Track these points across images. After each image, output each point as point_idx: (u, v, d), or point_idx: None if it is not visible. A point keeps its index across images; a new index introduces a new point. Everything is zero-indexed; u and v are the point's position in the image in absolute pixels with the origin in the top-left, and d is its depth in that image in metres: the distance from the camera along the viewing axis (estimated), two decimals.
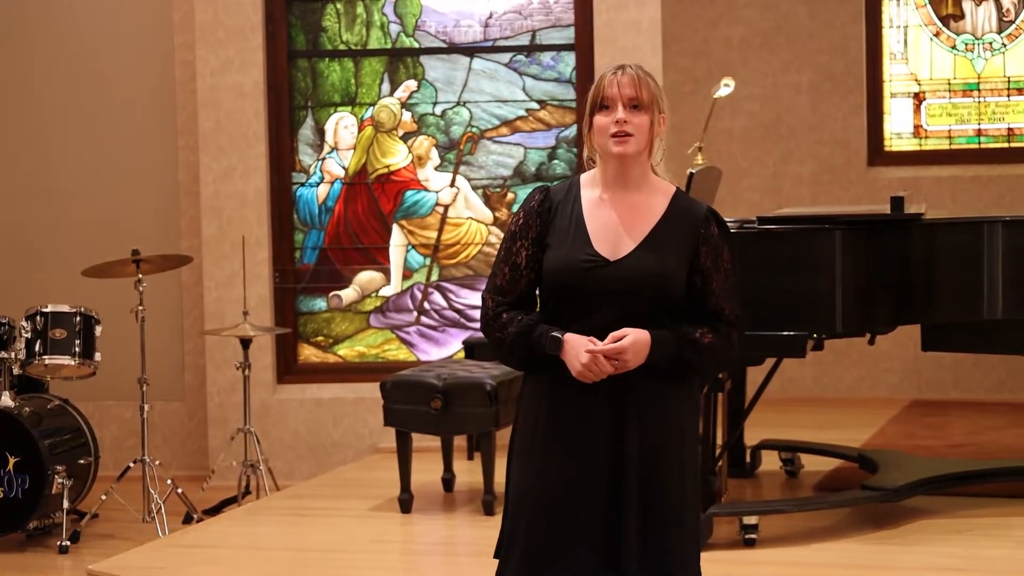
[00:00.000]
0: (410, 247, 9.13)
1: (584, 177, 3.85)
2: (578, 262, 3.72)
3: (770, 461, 7.85)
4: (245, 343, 8.01)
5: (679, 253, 3.74)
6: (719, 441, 6.88)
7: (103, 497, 7.55)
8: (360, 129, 9.14)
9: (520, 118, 9.07)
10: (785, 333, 6.24)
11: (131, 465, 7.64)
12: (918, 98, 10.67)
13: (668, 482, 3.77)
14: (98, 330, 7.65)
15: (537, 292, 3.86)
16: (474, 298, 9.06)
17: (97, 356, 7.64)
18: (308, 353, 9.18)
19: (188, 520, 7.72)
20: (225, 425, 8.80)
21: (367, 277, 9.18)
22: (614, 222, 3.75)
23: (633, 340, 3.66)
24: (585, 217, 3.77)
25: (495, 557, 3.92)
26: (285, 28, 9.06)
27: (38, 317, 7.52)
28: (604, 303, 3.71)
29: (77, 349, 7.55)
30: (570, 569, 3.75)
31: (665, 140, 3.83)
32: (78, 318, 7.57)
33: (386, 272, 9.15)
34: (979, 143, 10.59)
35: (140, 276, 7.64)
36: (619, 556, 3.73)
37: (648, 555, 3.74)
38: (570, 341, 3.69)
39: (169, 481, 7.73)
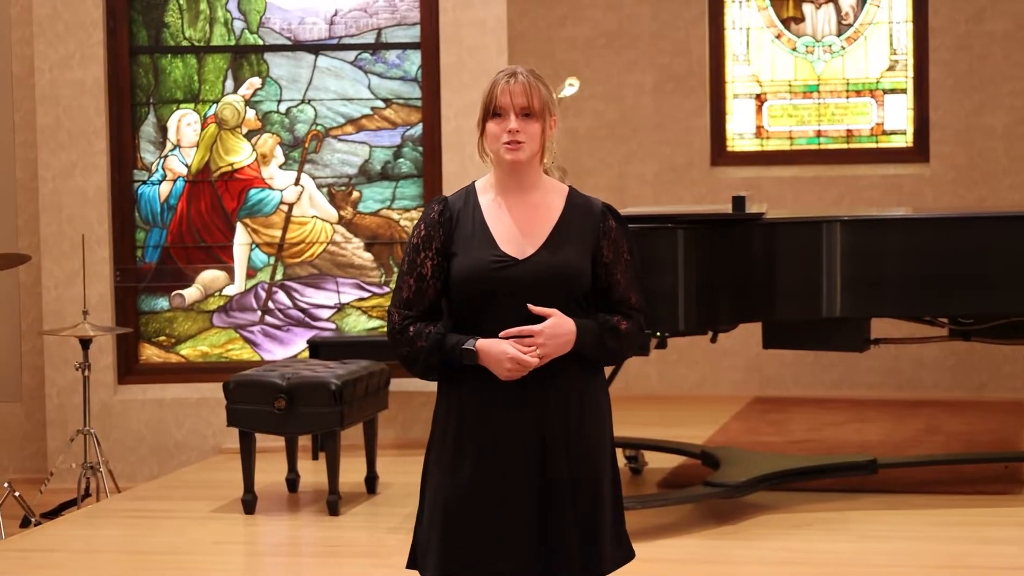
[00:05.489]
0: (254, 246, 9.05)
1: (479, 183, 3.88)
2: (487, 264, 3.74)
3: None
4: (85, 343, 7.88)
5: (582, 248, 3.80)
6: None
7: None
8: (203, 126, 9.05)
9: (365, 116, 9.03)
10: None
11: None
12: (760, 99, 10.82)
13: (592, 482, 3.81)
14: None
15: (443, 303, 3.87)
16: (319, 297, 9.02)
17: None
18: (150, 353, 9.06)
19: (26, 524, 7.57)
20: (64, 426, 8.66)
21: (210, 276, 9.09)
22: (517, 223, 3.80)
23: (552, 324, 3.70)
24: (488, 221, 3.80)
25: (408, 567, 3.89)
26: (126, 23, 8.93)
27: None
28: (516, 303, 3.73)
29: None
30: (493, 571, 3.75)
31: (556, 141, 3.87)
32: None
33: (230, 271, 9.06)
34: (819, 144, 10.77)
35: None
36: (552, 559, 3.75)
37: (584, 556, 3.77)
38: (485, 348, 3.71)
39: (6, 484, 7.58)
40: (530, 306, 3.70)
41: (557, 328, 3.71)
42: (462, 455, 3.77)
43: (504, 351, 3.69)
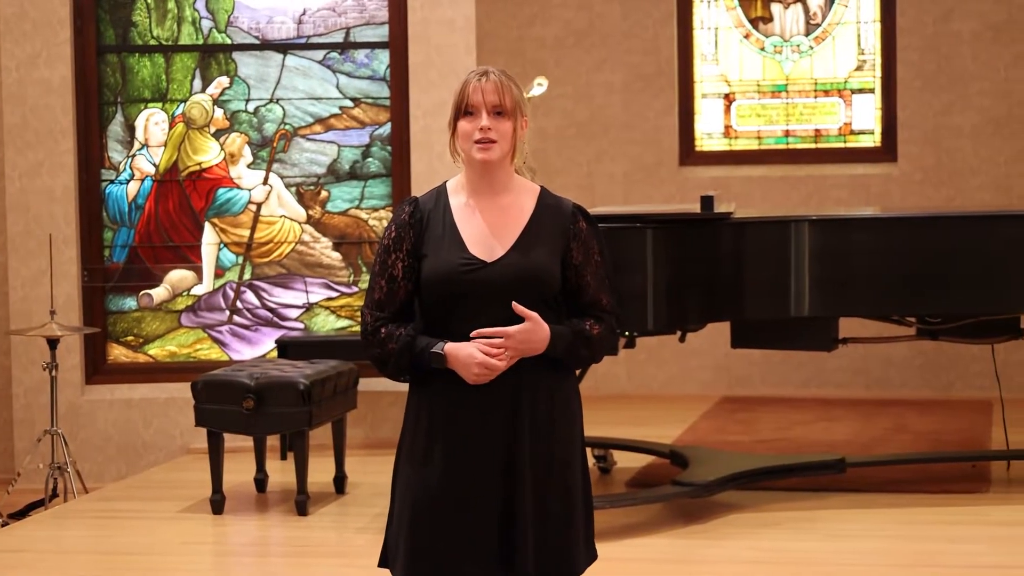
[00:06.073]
0: (222, 245, 9.02)
1: (450, 184, 3.86)
2: (456, 266, 3.72)
3: None
4: (52, 343, 7.85)
5: (552, 250, 3.79)
6: None
7: None
8: (171, 126, 9.01)
9: (334, 116, 9.01)
10: None
11: None
12: (728, 99, 10.84)
13: (562, 483, 3.79)
14: None
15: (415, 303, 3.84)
16: (287, 296, 9.00)
17: None
18: (118, 353, 9.02)
19: None
20: (32, 426, 8.62)
21: (178, 276, 9.06)
22: (486, 225, 3.78)
23: (526, 328, 3.68)
24: (457, 223, 3.78)
25: (380, 566, 3.88)
26: (94, 22, 8.89)
27: None
28: (486, 305, 3.71)
29: None
30: (460, 571, 3.73)
31: (528, 142, 3.85)
32: None
33: (198, 271, 9.03)
34: (787, 143, 10.80)
35: None
36: (513, 557, 3.73)
37: (542, 556, 3.75)
38: (453, 352, 3.70)
39: None
40: (515, 305, 3.68)
41: (531, 334, 3.69)
42: (431, 454, 3.75)
43: (472, 355, 3.67)
